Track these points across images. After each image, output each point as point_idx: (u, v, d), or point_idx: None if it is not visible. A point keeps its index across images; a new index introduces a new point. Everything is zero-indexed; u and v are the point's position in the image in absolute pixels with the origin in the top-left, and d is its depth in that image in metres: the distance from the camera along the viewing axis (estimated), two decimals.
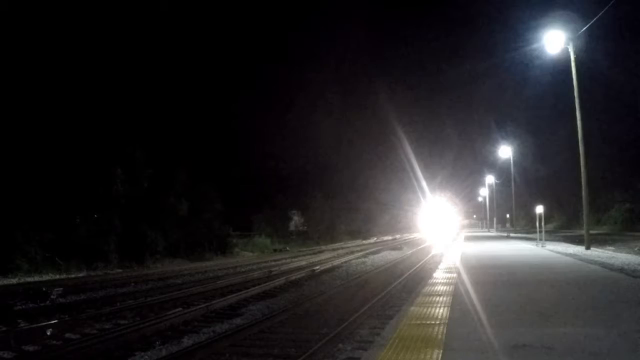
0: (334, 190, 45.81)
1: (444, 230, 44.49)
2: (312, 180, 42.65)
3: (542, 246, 19.58)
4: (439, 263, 13.92)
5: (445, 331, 4.60)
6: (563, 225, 57.87)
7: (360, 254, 25.21)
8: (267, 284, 12.57)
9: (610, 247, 18.84)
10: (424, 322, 5.10)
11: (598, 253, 15.28)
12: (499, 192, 59.92)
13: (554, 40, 17.55)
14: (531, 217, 45.59)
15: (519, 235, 38.90)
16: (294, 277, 14.28)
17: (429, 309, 5.80)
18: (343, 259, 21.49)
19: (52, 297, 10.39)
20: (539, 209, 21.08)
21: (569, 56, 17.44)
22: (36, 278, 15.28)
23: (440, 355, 3.83)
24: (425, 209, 46.85)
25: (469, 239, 32.69)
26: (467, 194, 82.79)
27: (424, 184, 45.63)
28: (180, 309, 9.15)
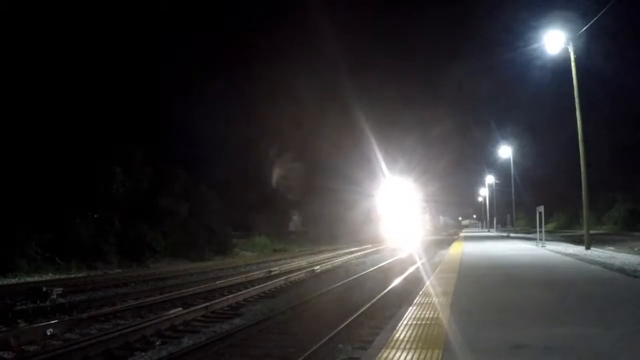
0: (333, 190, 45.74)
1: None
2: (311, 180, 42.58)
3: (542, 246, 19.57)
4: (438, 263, 13.90)
5: (445, 331, 4.60)
6: (563, 225, 57.90)
7: (359, 254, 25.24)
8: (267, 284, 12.58)
9: (610, 247, 18.83)
10: (423, 322, 5.10)
11: (598, 253, 15.27)
12: (498, 192, 59.94)
13: (554, 40, 17.55)
14: (531, 217, 45.58)
15: (519, 235, 38.89)
16: (293, 277, 14.30)
17: (429, 309, 5.80)
18: (343, 259, 21.50)
19: (52, 297, 10.38)
20: (539, 209, 21.08)
21: (569, 56, 17.44)
22: (36, 278, 15.27)
23: (440, 355, 3.83)
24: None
25: (469, 239, 32.70)
26: (467, 194, 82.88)
27: (422, 184, 45.65)
28: (180, 309, 9.14)
